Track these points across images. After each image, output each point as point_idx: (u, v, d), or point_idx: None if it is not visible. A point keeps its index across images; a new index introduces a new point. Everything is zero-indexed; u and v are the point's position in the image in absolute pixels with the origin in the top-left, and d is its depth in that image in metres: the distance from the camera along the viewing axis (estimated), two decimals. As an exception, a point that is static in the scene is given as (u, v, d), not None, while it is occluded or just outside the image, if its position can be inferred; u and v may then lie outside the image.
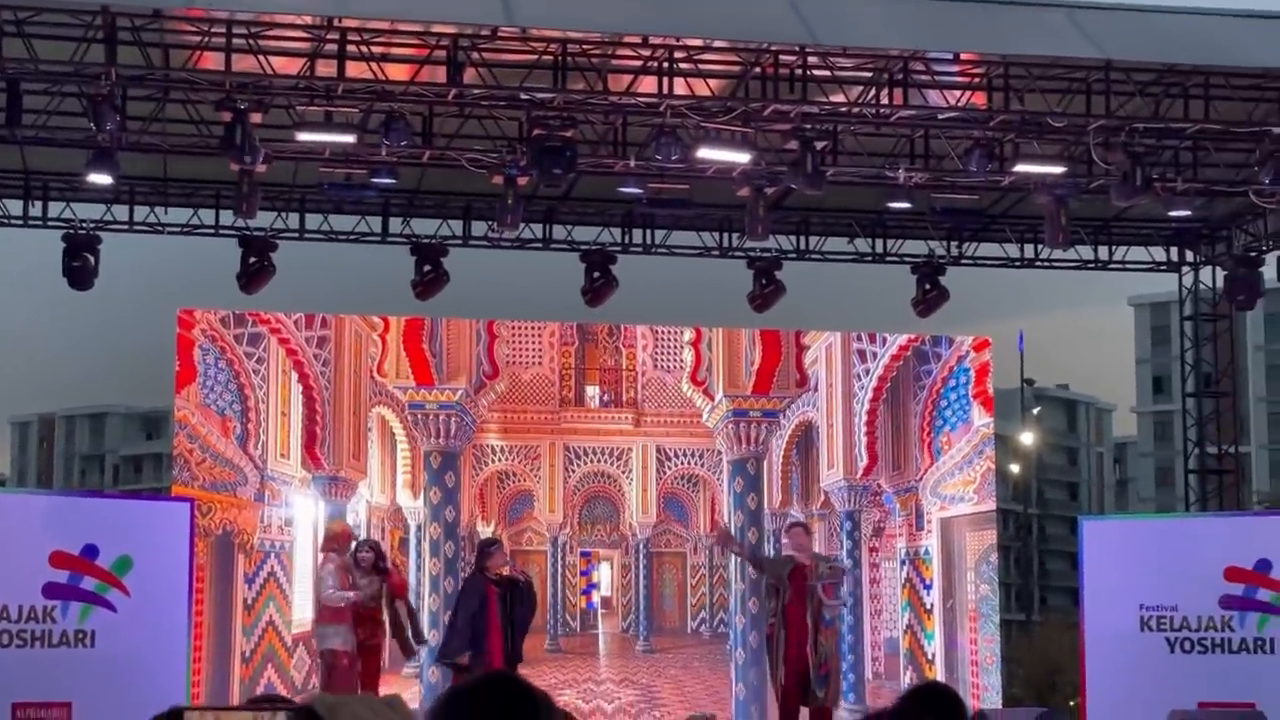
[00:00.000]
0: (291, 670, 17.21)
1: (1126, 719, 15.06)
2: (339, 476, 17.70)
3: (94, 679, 14.20)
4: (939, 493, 18.70)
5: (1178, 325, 21.40)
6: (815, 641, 14.73)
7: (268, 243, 17.74)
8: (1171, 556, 16.20)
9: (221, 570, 17.06)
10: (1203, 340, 20.48)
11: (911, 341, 19.00)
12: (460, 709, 2.73)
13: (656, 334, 19.01)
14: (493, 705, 2.72)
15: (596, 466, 18.67)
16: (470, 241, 18.59)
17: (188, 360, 17.36)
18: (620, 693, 18.02)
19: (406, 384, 18.06)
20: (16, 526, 14.58)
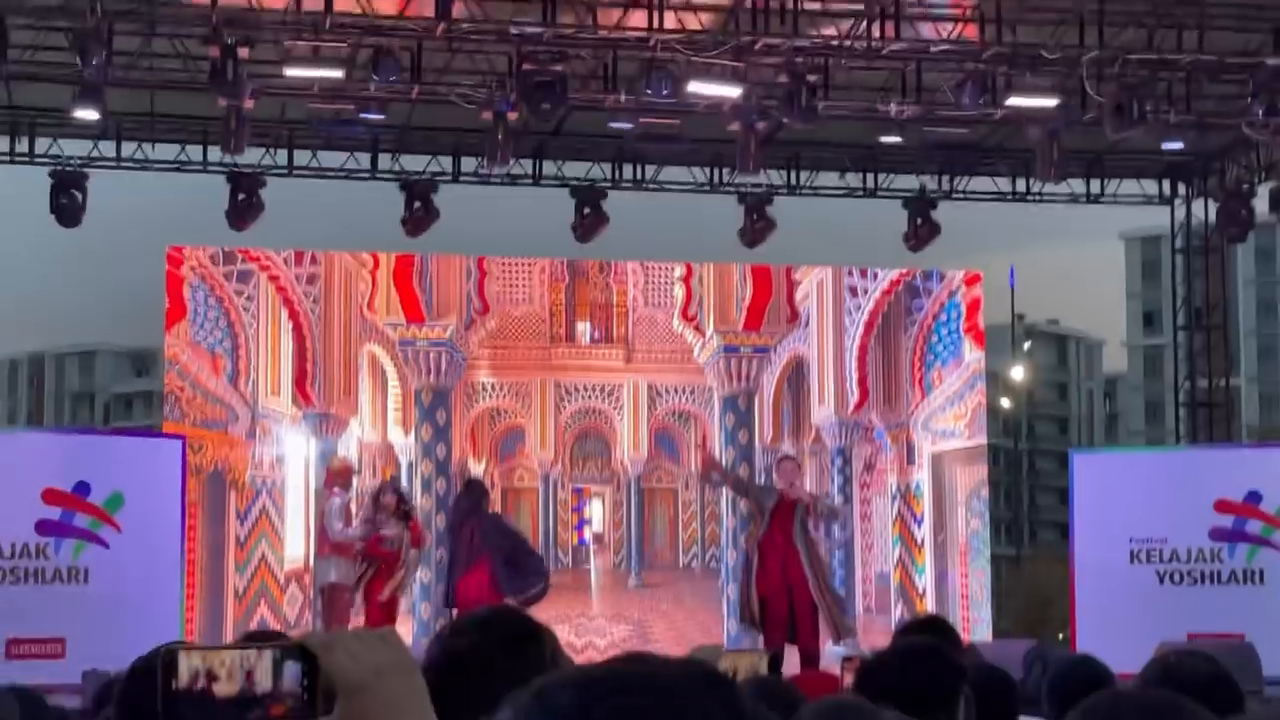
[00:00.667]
0: (284, 606, 17.25)
1: (1116, 651, 14.99)
2: (330, 414, 17.68)
3: (88, 614, 14.27)
4: (930, 428, 18.72)
5: (1168, 259, 21.39)
6: (818, 574, 14.82)
7: (256, 179, 17.66)
8: (1161, 489, 16.26)
9: (213, 507, 17.07)
10: (1194, 274, 20.47)
11: (903, 276, 18.97)
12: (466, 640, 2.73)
13: (647, 270, 18.96)
14: (496, 637, 2.72)
15: (587, 403, 18.67)
16: (460, 178, 18.52)
17: (177, 298, 17.32)
18: (612, 628, 18.08)
19: (397, 321, 18.02)
20: (9, 464, 14.61)
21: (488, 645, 2.70)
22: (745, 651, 4.23)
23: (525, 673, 2.65)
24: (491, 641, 2.71)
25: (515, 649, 2.71)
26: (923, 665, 3.77)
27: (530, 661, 2.70)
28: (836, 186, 19.38)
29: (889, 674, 3.79)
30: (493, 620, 2.77)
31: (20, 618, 14.12)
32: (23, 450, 15.30)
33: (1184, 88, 16.91)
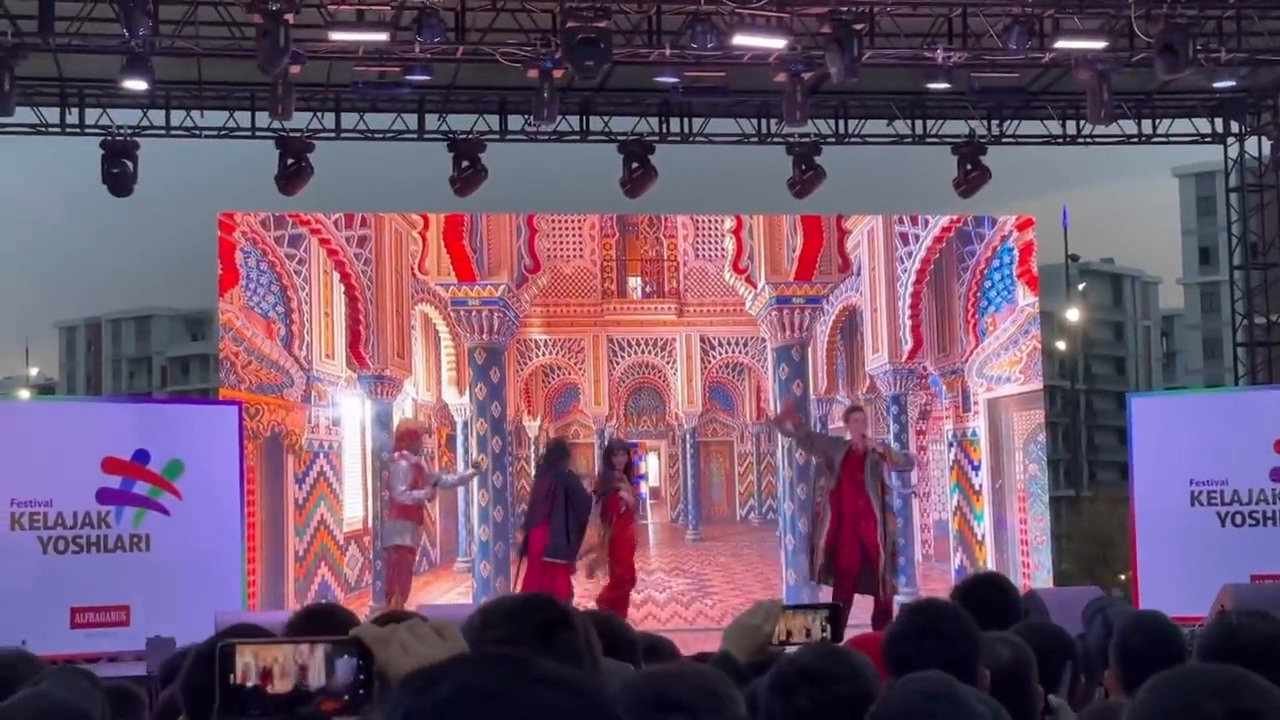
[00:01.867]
0: (344, 568, 17.36)
1: (1178, 594, 15.03)
2: (384, 375, 17.75)
3: (151, 581, 14.41)
4: (985, 374, 18.64)
5: (1223, 195, 21.19)
6: (885, 530, 14.73)
7: (304, 143, 17.70)
8: (1220, 431, 16.16)
9: (271, 471, 17.18)
10: (1249, 211, 20.29)
11: (954, 223, 18.86)
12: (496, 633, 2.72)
13: (697, 223, 18.93)
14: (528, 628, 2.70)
15: (641, 358, 18.67)
16: (507, 136, 18.50)
17: (229, 263, 17.39)
18: (671, 582, 18.13)
19: (448, 281, 18.05)
20: (68, 434, 14.75)
21: (519, 637, 2.68)
22: (801, 610, 4.19)
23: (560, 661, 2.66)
24: (523, 633, 2.69)
25: (548, 638, 2.69)
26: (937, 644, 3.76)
27: (564, 650, 2.68)
28: (884, 134, 19.26)
29: (904, 650, 3.78)
30: (523, 610, 2.75)
31: (84, 587, 14.27)
32: (81, 420, 15.42)
33: (1234, 24, 16.73)
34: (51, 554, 14.31)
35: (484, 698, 1.45)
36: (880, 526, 14.70)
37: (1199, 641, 3.76)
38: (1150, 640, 4.48)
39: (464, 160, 17.98)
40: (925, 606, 4.10)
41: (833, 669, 3.39)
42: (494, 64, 16.28)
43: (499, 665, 1.49)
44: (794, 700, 3.32)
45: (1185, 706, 2.31)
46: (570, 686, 1.48)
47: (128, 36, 14.83)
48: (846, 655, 3.51)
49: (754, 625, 4.02)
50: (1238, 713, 2.29)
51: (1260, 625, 3.66)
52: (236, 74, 17.01)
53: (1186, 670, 2.50)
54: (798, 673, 3.39)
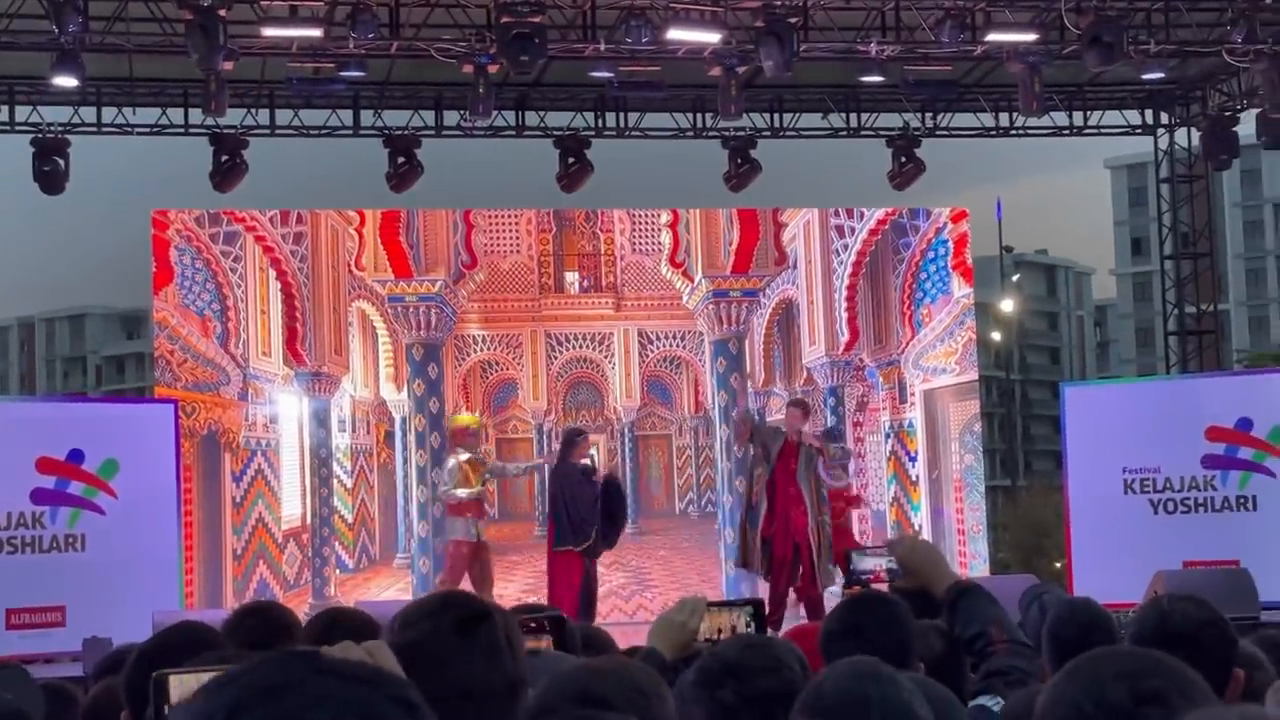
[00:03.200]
0: (283, 566, 17.31)
1: (1112, 580, 15.17)
2: (321, 372, 17.70)
3: (87, 582, 14.30)
4: (921, 365, 18.76)
5: (1154, 186, 21.39)
6: (818, 523, 14.70)
7: (239, 140, 17.62)
8: (1153, 419, 16.32)
9: (208, 470, 17.10)
10: (1180, 202, 20.48)
11: (889, 215, 18.97)
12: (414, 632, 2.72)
13: (634, 217, 18.96)
14: (446, 624, 2.71)
15: (579, 352, 18.69)
16: (443, 132, 18.47)
17: (164, 261, 17.29)
18: (611, 576, 18.11)
19: (385, 277, 18.01)
20: (2, 434, 14.62)
21: (438, 634, 2.70)
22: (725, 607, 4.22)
23: (480, 656, 2.68)
24: (442, 630, 2.70)
25: (467, 634, 2.70)
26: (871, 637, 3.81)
27: (484, 644, 2.70)
28: (819, 128, 19.34)
29: (839, 647, 3.83)
30: (440, 608, 2.76)
31: (19, 588, 14.16)
32: (15, 419, 15.30)
33: (1163, 17, 16.90)
34: (-14, 555, 14.20)
35: (269, 692, 1.46)
36: (811, 517, 14.68)
37: (1131, 627, 3.81)
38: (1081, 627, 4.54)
39: (400, 156, 17.95)
40: (860, 600, 4.14)
41: (756, 662, 3.39)
42: (429, 59, 16.26)
43: (288, 661, 1.51)
44: (718, 694, 3.33)
45: (1092, 691, 2.36)
46: (359, 676, 1.50)
47: (58, 33, 14.72)
48: (771, 648, 3.52)
49: (679, 622, 4.05)
50: (1143, 695, 2.34)
51: (1192, 611, 3.72)
52: (169, 70, 16.91)
53: (1097, 654, 2.55)
54: (721, 667, 3.40)
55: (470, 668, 2.65)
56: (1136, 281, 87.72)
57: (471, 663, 2.66)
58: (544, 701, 2.73)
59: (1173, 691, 2.37)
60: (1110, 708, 2.31)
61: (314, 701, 1.45)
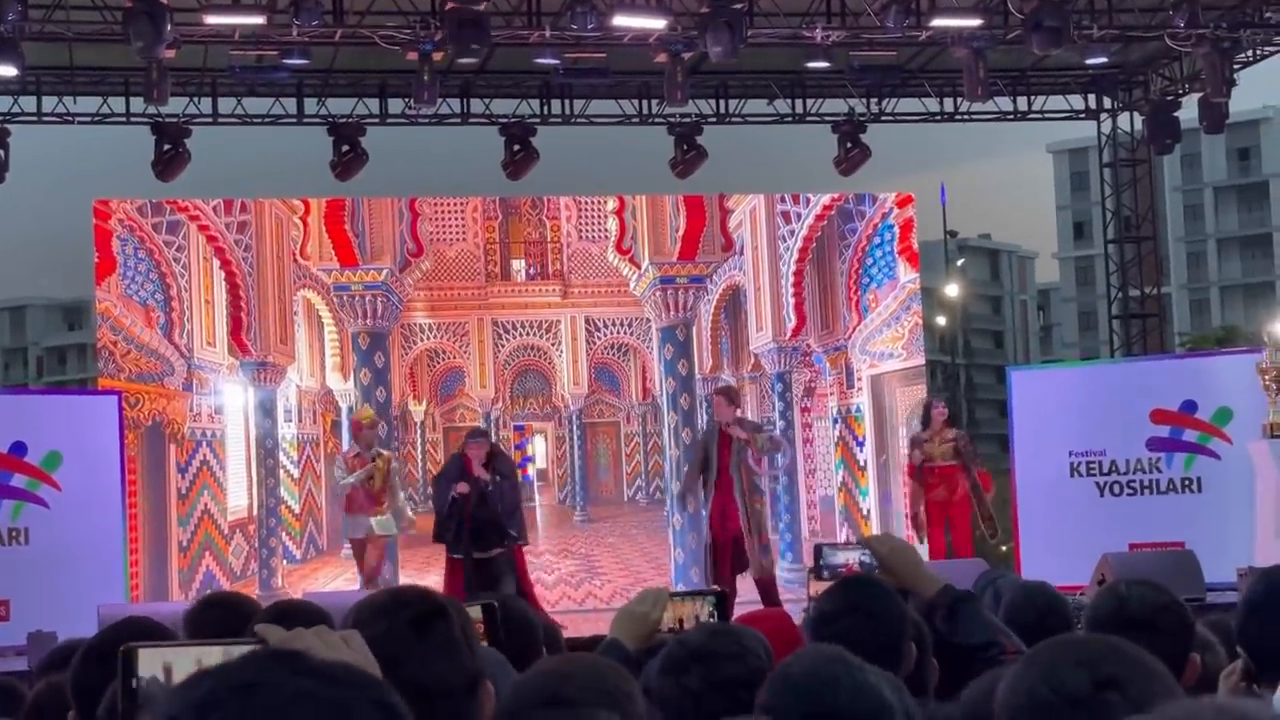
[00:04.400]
0: (230, 557, 17.21)
1: (1060, 563, 15.25)
2: (267, 362, 17.60)
3: (31, 575, 14.18)
4: (868, 350, 18.80)
5: (1097, 170, 21.50)
6: (749, 510, 14.57)
7: (181, 129, 17.49)
8: (1098, 402, 16.41)
9: (153, 461, 16.98)
10: (1122, 186, 20.60)
11: (835, 201, 18.98)
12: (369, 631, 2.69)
13: (580, 204, 18.92)
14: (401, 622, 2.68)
15: (526, 340, 18.65)
16: (387, 120, 18.40)
17: (106, 251, 17.14)
18: (560, 564, 18.14)
19: (330, 266, 17.92)
20: (-57, 427, 14.48)
21: (393, 632, 2.65)
22: (688, 597, 4.21)
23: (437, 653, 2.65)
24: (396, 627, 2.66)
25: (423, 632, 2.66)
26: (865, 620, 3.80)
27: (439, 640, 2.66)
28: (765, 114, 19.35)
29: (832, 627, 3.82)
30: (393, 605, 2.72)
31: (-37, 582, 14.02)
32: (-43, 413, 15.14)
33: (1105, 1, 16.97)
34: (-72, 549, 14.05)
35: (244, 689, 1.44)
36: (742, 509, 14.53)
37: (1088, 612, 3.82)
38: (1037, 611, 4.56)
39: (344, 144, 17.86)
40: (853, 582, 4.12)
41: (722, 648, 3.40)
42: (373, 47, 16.17)
43: (266, 659, 1.48)
44: (684, 680, 3.34)
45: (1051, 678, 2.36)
46: (336, 675, 1.48)
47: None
48: (738, 635, 3.52)
49: (642, 613, 4.04)
50: (1102, 681, 2.34)
51: (1149, 595, 3.73)
52: (109, 59, 16.77)
53: (1056, 642, 2.55)
54: (688, 654, 3.40)
55: (427, 665, 2.62)
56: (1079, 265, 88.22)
57: (428, 660, 2.63)
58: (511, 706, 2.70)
59: (1132, 677, 2.37)
60: (1069, 695, 2.31)
61: (290, 701, 1.42)
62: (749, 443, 14.49)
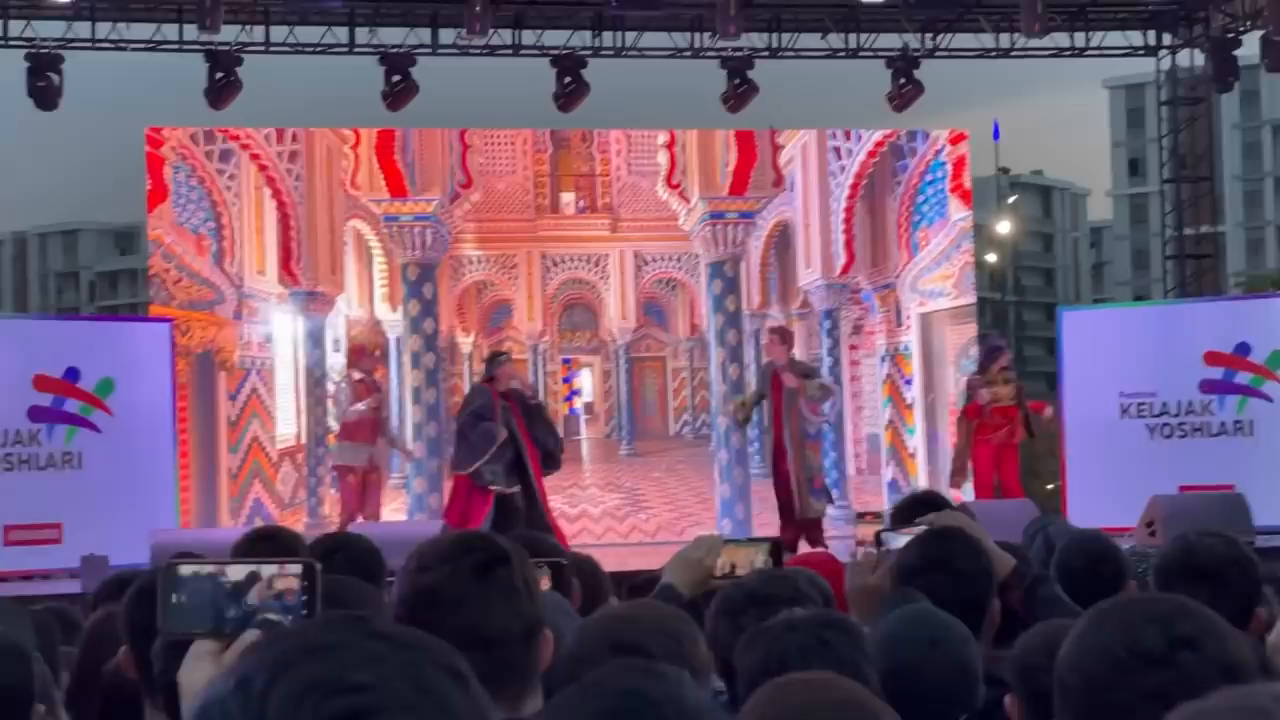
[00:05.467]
0: (278, 485, 17.32)
1: (1107, 505, 15.21)
2: (316, 291, 17.64)
3: (83, 499, 14.34)
4: (918, 288, 18.71)
5: (1153, 107, 21.27)
6: (802, 455, 14.58)
7: (233, 57, 17.46)
8: (1151, 343, 16.31)
9: (203, 388, 17.07)
10: (1180, 124, 20.37)
11: (887, 137, 18.85)
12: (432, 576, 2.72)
13: (630, 138, 18.85)
14: (464, 568, 2.71)
15: (574, 273, 18.63)
16: (439, 50, 18.32)
17: (158, 179, 17.19)
18: (605, 497, 18.19)
19: (381, 196, 17.92)
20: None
21: (455, 577, 2.70)
22: (743, 544, 4.21)
23: (498, 599, 2.68)
24: (459, 573, 2.70)
25: (485, 577, 2.70)
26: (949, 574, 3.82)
27: (500, 586, 2.70)
28: (818, 48, 19.17)
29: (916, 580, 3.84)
30: (457, 549, 2.75)
31: (16, 504, 14.19)
32: (11, 337, 15.27)
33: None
34: (-17, 471, 14.22)
35: (316, 650, 1.44)
36: (791, 453, 14.50)
37: (1156, 561, 3.80)
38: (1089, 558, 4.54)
39: (395, 75, 17.80)
40: (940, 534, 4.10)
41: (779, 592, 3.44)
42: (425, -24, 16.10)
43: (337, 623, 1.49)
44: (740, 621, 3.37)
45: (1124, 637, 2.33)
46: (409, 641, 1.49)
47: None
48: (794, 580, 3.55)
49: (696, 559, 4.05)
50: (1176, 640, 2.31)
51: (1219, 547, 3.70)
52: (163, -14, 16.75)
53: (1122, 601, 2.53)
54: (745, 596, 3.44)
55: (488, 611, 2.67)
56: (1134, 203, 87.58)
57: (489, 606, 2.67)
58: (579, 652, 2.73)
59: (1205, 634, 2.34)
60: (1145, 653, 2.28)
61: (361, 662, 1.42)
62: (800, 390, 14.47)
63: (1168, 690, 2.19)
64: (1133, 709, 2.24)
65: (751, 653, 3.07)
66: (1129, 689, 2.25)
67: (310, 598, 2.25)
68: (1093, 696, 2.28)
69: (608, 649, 2.71)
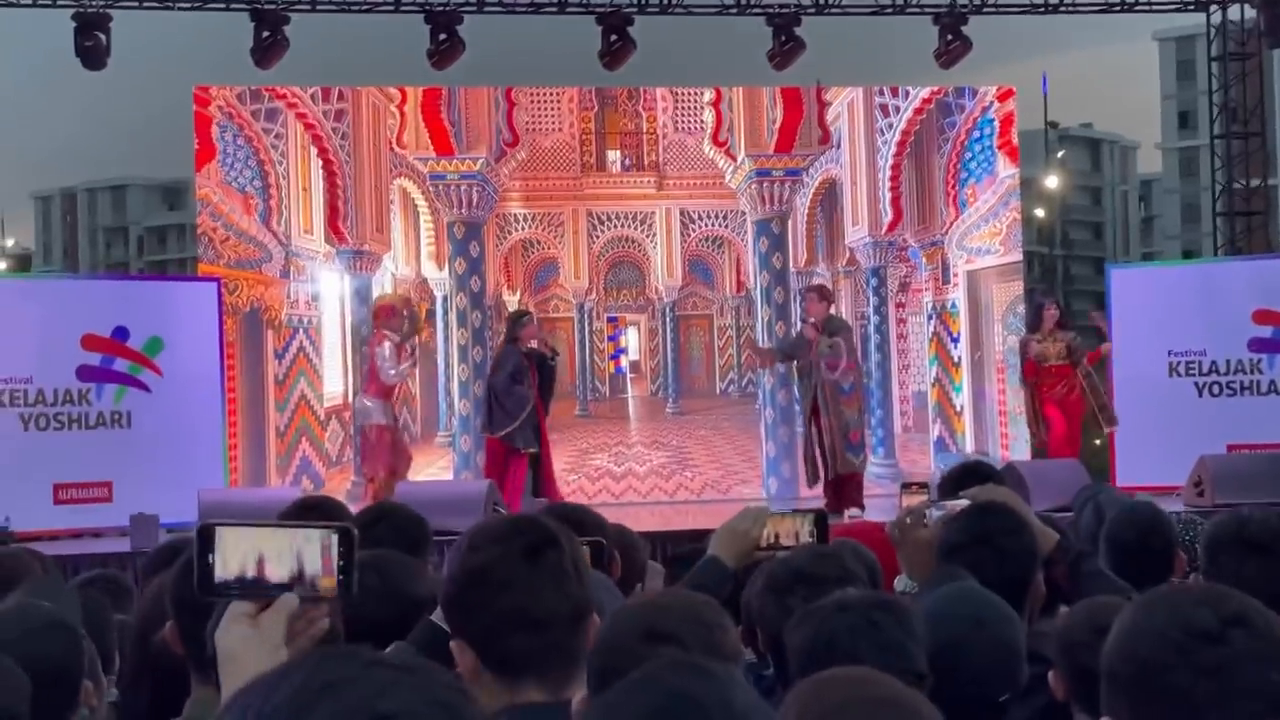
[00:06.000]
0: (325, 443, 17.41)
1: (1155, 464, 15.18)
2: (363, 250, 17.69)
3: (133, 457, 14.47)
4: (965, 245, 18.64)
5: (1203, 60, 21.09)
6: (836, 411, 14.54)
7: (280, 16, 17.47)
8: (1200, 302, 16.23)
9: (251, 347, 17.17)
10: (1231, 80, 20.19)
11: (935, 94, 18.75)
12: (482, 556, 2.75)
13: (676, 95, 18.79)
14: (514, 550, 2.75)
15: (620, 231, 18.62)
16: (485, 8, 18.28)
17: (206, 138, 17.25)
18: (651, 455, 18.21)
19: (427, 155, 17.94)
20: (47, 311, 14.73)
21: (506, 559, 2.74)
22: (788, 515, 4.21)
23: (547, 582, 2.72)
24: (510, 555, 2.75)
25: (535, 560, 2.74)
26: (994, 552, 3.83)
27: (551, 570, 2.75)
28: (865, 4, 19.06)
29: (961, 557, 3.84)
30: (508, 532, 2.80)
31: (66, 463, 14.32)
32: (59, 297, 15.38)
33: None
34: (33, 431, 14.35)
35: (329, 689, 1.47)
36: (824, 408, 14.49)
37: (1207, 531, 3.79)
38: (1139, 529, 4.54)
39: (441, 33, 17.78)
40: (984, 509, 4.10)
41: (827, 571, 3.46)
42: (470, -66, 16.06)
43: (334, 659, 1.52)
44: (787, 600, 3.40)
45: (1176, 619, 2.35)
46: (410, 667, 1.52)
47: (98, -92, 14.59)
48: (840, 558, 3.56)
49: (742, 530, 4.06)
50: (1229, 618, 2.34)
51: (1272, 520, 3.69)
52: (209, -55, 16.76)
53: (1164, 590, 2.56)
54: (792, 574, 3.45)
55: (537, 593, 2.71)
56: (1183, 156, 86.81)
57: (538, 588, 2.72)
58: (611, 640, 2.75)
59: (1253, 611, 2.38)
60: (1201, 632, 2.31)
61: (381, 691, 1.45)
62: (813, 344, 14.41)
63: (1225, 665, 2.27)
64: (1192, 687, 2.27)
65: (801, 632, 3.08)
66: (1187, 669, 2.29)
67: (348, 563, 2.27)
68: (1150, 680, 2.30)
69: (640, 637, 2.73)
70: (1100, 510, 4.99)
